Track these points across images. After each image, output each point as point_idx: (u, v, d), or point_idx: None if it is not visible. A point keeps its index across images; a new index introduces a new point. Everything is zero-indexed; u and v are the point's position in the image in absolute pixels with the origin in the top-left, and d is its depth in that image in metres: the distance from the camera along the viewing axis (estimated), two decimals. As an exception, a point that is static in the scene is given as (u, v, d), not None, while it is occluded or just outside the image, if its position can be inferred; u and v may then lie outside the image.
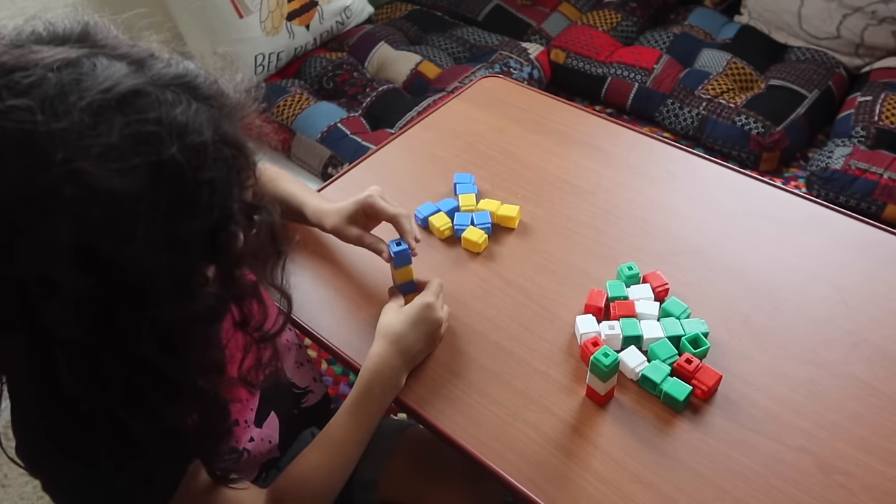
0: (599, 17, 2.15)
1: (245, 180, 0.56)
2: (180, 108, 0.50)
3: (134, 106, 0.48)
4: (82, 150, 0.45)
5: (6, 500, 1.46)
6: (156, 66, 0.52)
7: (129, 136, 0.47)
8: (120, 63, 0.50)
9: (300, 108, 1.79)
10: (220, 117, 0.53)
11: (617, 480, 0.73)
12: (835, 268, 0.92)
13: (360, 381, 0.79)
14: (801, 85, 1.85)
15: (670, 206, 1.02)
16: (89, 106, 0.46)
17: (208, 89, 0.54)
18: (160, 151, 0.47)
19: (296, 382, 0.89)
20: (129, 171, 0.46)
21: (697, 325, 0.84)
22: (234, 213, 0.53)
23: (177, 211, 0.49)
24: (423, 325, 0.81)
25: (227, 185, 0.52)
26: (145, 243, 0.47)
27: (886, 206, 1.56)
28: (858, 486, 0.71)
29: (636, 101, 1.95)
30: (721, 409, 0.78)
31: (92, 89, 0.47)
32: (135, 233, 0.47)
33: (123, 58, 0.51)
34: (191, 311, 0.53)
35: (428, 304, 0.81)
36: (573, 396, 0.80)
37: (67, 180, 0.45)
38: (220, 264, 0.55)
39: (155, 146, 0.47)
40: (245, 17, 1.77)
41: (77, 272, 0.46)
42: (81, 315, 0.48)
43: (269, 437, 0.80)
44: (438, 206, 1.01)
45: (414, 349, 0.81)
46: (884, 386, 0.79)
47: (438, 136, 1.18)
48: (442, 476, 0.94)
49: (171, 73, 0.52)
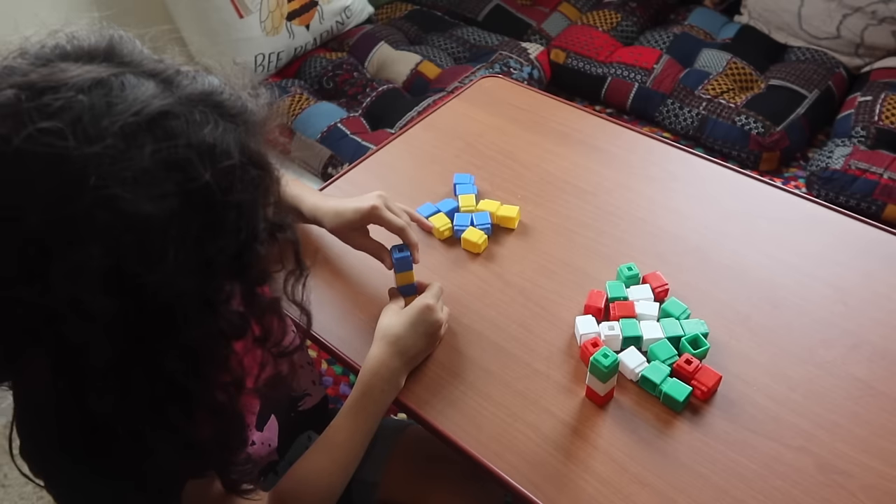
0: (599, 17, 2.15)
1: (269, 198, 0.55)
2: (208, 129, 0.49)
3: (164, 129, 0.47)
4: (115, 175, 0.45)
5: (6, 500, 1.46)
6: (182, 84, 0.51)
7: (161, 161, 0.46)
8: (148, 82, 0.49)
9: (300, 108, 1.79)
10: (245, 136, 0.52)
11: (617, 481, 0.73)
12: (834, 268, 0.92)
13: (359, 382, 0.79)
14: (801, 85, 1.85)
15: (670, 206, 1.02)
16: (122, 130, 0.46)
17: (233, 106, 0.53)
18: (193, 177, 0.47)
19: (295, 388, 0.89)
20: (162, 197, 0.46)
21: (697, 325, 0.84)
22: (260, 232, 0.53)
23: (207, 234, 0.49)
24: (422, 326, 0.81)
25: (254, 206, 0.52)
26: (175, 267, 0.47)
27: (886, 206, 1.56)
28: (858, 486, 0.71)
29: (636, 101, 1.94)
30: (721, 410, 0.78)
31: (124, 112, 0.46)
32: (166, 257, 0.47)
33: (150, 75, 0.50)
34: (215, 329, 0.53)
35: (428, 306, 0.81)
36: (573, 397, 0.80)
37: (100, 205, 0.45)
38: (244, 282, 0.55)
39: (187, 171, 0.47)
40: (245, 17, 1.77)
41: (107, 296, 0.46)
42: (111, 337, 0.48)
43: (269, 440, 0.80)
44: (438, 206, 1.01)
45: (413, 350, 0.81)
46: (883, 386, 0.79)
47: (438, 136, 1.18)
48: (442, 477, 0.94)
49: (197, 90, 0.51)
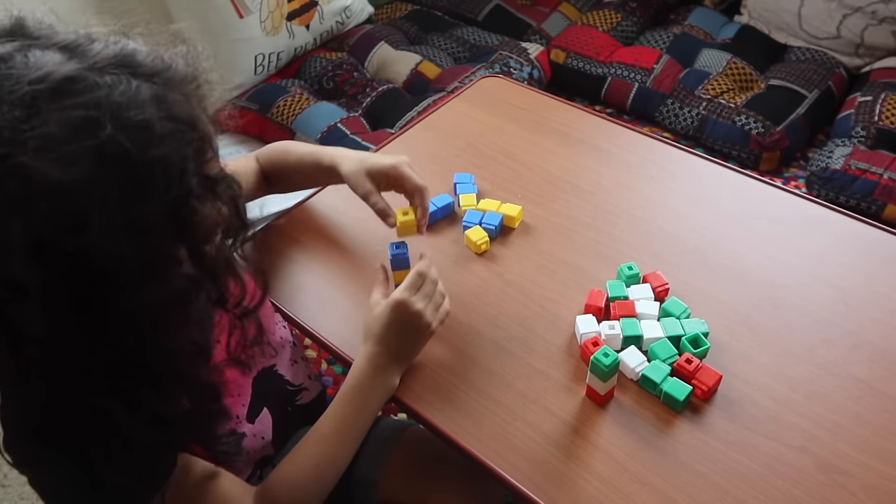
0: (599, 17, 2.15)
1: (203, 154, 0.54)
2: (120, 89, 0.49)
3: (69, 93, 0.47)
4: (18, 145, 0.45)
5: (6, 500, 1.46)
6: (94, 50, 0.51)
7: (66, 125, 0.46)
8: (54, 53, 0.49)
9: (300, 108, 1.79)
10: (166, 93, 0.52)
11: (617, 480, 0.73)
12: (835, 268, 0.92)
13: (349, 377, 0.78)
14: (801, 85, 1.85)
15: (670, 206, 1.02)
16: (21, 99, 0.45)
17: (152, 65, 0.52)
18: (103, 137, 0.46)
19: (290, 379, 0.89)
20: (72, 160, 0.46)
21: (697, 325, 0.84)
22: (194, 188, 0.52)
23: (130, 193, 0.48)
24: (399, 323, 0.78)
25: (182, 161, 0.51)
26: (102, 230, 0.47)
27: (886, 206, 1.56)
28: (859, 486, 0.71)
29: (636, 101, 1.94)
30: (721, 409, 0.78)
31: (21, 81, 0.46)
32: (89, 221, 0.46)
33: (59, 47, 0.50)
34: (163, 293, 0.52)
35: (397, 301, 0.78)
36: (573, 396, 0.80)
37: (8, 177, 0.44)
38: (188, 243, 0.54)
39: (93, 130, 0.46)
40: (245, 17, 1.77)
41: (37, 268, 0.46)
42: (50, 310, 0.48)
43: (261, 433, 0.80)
44: (434, 202, 1.01)
45: (398, 346, 0.79)
46: (884, 386, 0.79)
47: (438, 136, 1.18)
48: (442, 476, 0.94)
49: (109, 54, 0.51)
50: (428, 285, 0.80)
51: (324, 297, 0.94)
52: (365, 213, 0.90)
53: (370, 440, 0.98)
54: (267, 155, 0.99)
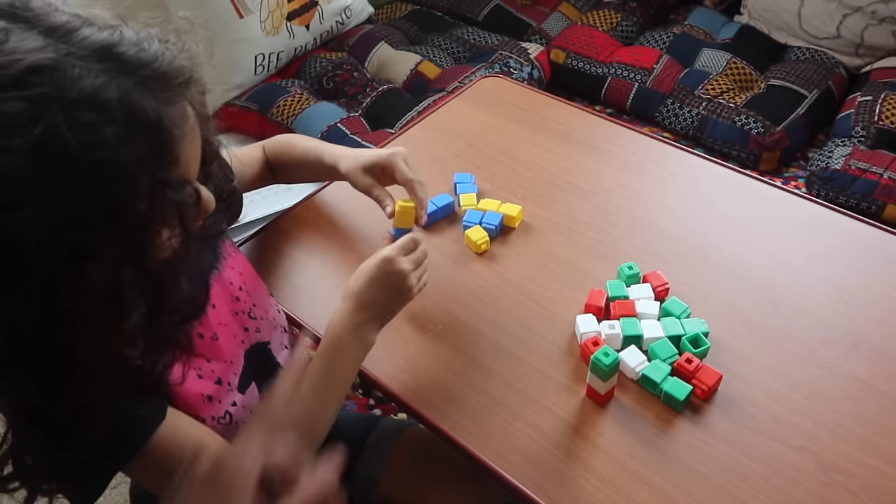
0: (599, 17, 2.15)
1: (161, 156, 0.53)
2: (84, 84, 0.49)
3: (28, 83, 0.47)
4: None
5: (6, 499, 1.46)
6: (79, 35, 0.51)
7: (14, 115, 0.47)
8: (36, 36, 0.49)
9: (300, 108, 1.79)
10: (135, 92, 0.51)
11: (617, 480, 0.73)
12: (835, 267, 0.92)
13: (327, 335, 0.77)
14: (801, 85, 1.85)
15: (670, 205, 1.03)
16: None
17: (135, 57, 0.52)
18: (48, 132, 0.47)
19: (280, 363, 0.89)
20: (8, 149, 0.46)
21: (697, 324, 0.84)
22: (142, 190, 0.51)
23: (66, 188, 0.48)
24: (382, 279, 0.78)
25: (132, 165, 0.51)
26: (33, 218, 0.47)
27: (886, 206, 1.56)
28: (859, 485, 0.71)
29: (636, 101, 1.94)
30: (721, 409, 0.78)
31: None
32: (20, 208, 0.47)
33: (45, 29, 0.50)
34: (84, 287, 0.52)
35: (385, 258, 0.78)
36: (573, 396, 0.80)
37: None
38: (127, 241, 0.53)
39: (37, 124, 0.47)
40: (245, 17, 1.77)
41: None
42: None
43: (250, 405, 0.79)
44: (434, 202, 1.01)
45: (375, 303, 0.78)
46: (884, 386, 0.79)
47: (438, 136, 1.18)
48: (442, 475, 0.94)
49: (92, 42, 0.51)
50: (418, 253, 0.81)
51: (324, 295, 0.94)
52: (365, 212, 0.90)
53: (370, 439, 0.99)
54: (272, 146, 1.01)
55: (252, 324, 0.81)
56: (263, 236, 1.03)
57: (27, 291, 0.51)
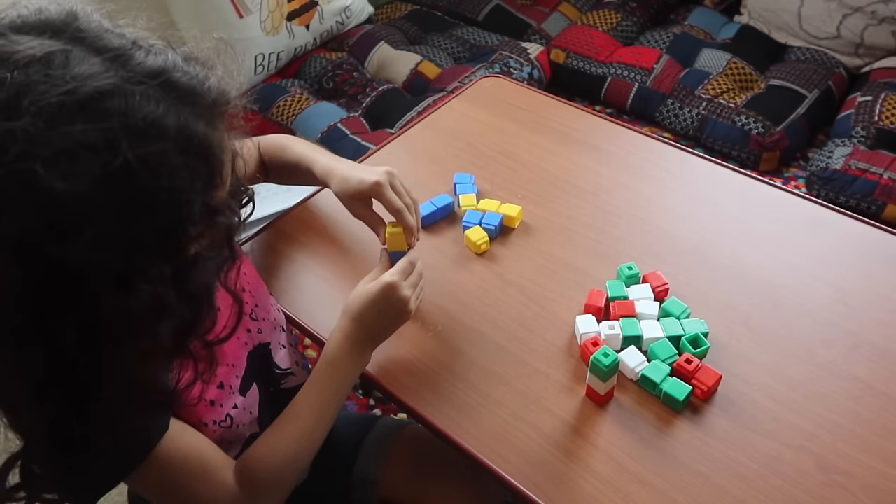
0: (599, 17, 2.15)
1: (211, 182, 0.55)
2: (147, 110, 0.49)
3: (97, 110, 0.48)
4: (31, 153, 0.46)
5: (6, 500, 1.46)
6: (134, 60, 0.51)
7: (86, 142, 0.47)
8: (95, 58, 0.50)
9: (300, 108, 1.79)
10: (192, 117, 0.52)
11: (617, 480, 0.73)
12: (835, 268, 0.92)
13: (324, 353, 0.79)
14: (801, 85, 1.85)
15: (670, 206, 1.02)
16: (45, 108, 0.47)
17: (187, 84, 0.53)
18: (117, 160, 0.48)
19: (277, 362, 0.89)
20: (80, 177, 0.47)
21: (697, 325, 0.84)
22: (194, 214, 0.53)
23: (128, 213, 0.49)
24: (384, 304, 0.79)
25: (188, 191, 0.52)
26: (93, 243, 0.48)
27: (886, 206, 1.56)
28: (859, 486, 0.71)
29: (636, 101, 1.95)
30: (721, 409, 0.78)
31: (51, 92, 0.47)
32: (81, 232, 0.47)
33: (102, 51, 0.51)
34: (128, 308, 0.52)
35: (390, 284, 0.78)
36: (573, 396, 0.80)
37: (14, 179, 0.46)
38: (173, 263, 0.55)
39: (113, 153, 0.47)
40: (245, 17, 1.77)
41: (16, 266, 0.48)
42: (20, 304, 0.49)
43: (250, 407, 0.80)
44: (434, 202, 1.01)
45: (376, 327, 0.80)
46: (884, 386, 0.79)
47: (438, 136, 1.18)
48: (442, 475, 0.94)
49: (147, 68, 0.51)
50: (415, 276, 0.82)
51: (324, 296, 0.94)
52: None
53: (369, 439, 0.98)
54: (266, 147, 1.00)
55: (254, 325, 0.81)
56: (263, 237, 1.03)
57: (75, 315, 0.51)
